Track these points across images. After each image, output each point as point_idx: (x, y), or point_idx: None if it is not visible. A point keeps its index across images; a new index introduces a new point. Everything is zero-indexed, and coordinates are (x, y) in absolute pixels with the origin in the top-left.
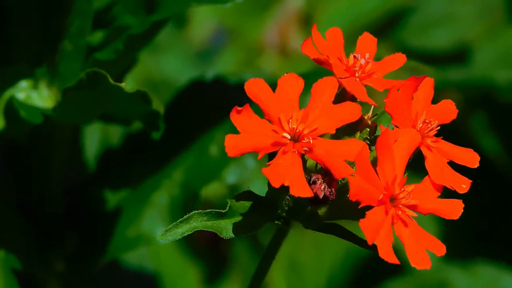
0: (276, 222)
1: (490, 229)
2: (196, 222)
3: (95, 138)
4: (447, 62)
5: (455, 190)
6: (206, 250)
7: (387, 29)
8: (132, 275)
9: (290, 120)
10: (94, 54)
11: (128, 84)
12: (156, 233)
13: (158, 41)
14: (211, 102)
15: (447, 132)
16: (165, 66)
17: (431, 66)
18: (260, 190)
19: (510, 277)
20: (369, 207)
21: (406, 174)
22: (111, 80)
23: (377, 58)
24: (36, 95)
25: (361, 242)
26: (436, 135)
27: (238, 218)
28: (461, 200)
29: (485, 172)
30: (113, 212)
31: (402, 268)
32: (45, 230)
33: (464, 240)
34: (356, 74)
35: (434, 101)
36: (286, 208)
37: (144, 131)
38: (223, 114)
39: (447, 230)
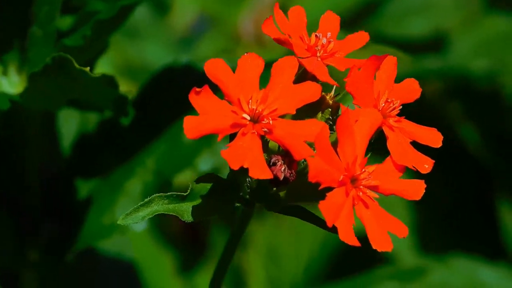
0: (238, 204)
1: (466, 219)
2: (157, 206)
3: (72, 126)
4: (424, 51)
5: (417, 170)
6: (183, 239)
7: (363, 17)
8: (109, 263)
9: (250, 101)
10: (63, 40)
11: (102, 70)
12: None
13: (139, 28)
14: (184, 88)
15: (424, 120)
16: (146, 53)
17: (408, 55)
18: None
19: (484, 268)
20: (329, 189)
21: (368, 155)
22: (76, 65)
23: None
24: (5, 81)
25: (322, 223)
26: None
27: (199, 201)
28: (423, 181)
29: (463, 160)
30: (86, 201)
31: (380, 256)
32: (20, 220)
33: (440, 231)
34: (318, 54)
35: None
36: (248, 191)
37: (117, 119)
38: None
39: (423, 222)
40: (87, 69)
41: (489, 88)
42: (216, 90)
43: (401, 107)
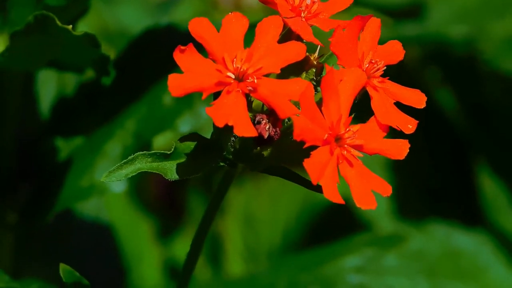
0: (221, 164)
1: (443, 185)
2: (141, 163)
3: (50, 87)
4: (403, 17)
5: (401, 129)
6: (161, 204)
7: None
8: (87, 226)
9: (235, 60)
10: (44, 0)
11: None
12: (109, 183)
13: None
14: (164, 50)
15: (403, 85)
16: (123, 18)
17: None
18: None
19: (461, 234)
20: (314, 148)
21: (353, 115)
22: (58, 23)
23: None
24: None
25: (307, 183)
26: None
27: (183, 160)
28: (407, 140)
29: (440, 126)
30: (65, 162)
31: (357, 223)
32: None
33: (418, 198)
34: (302, 14)
35: None
36: (232, 150)
37: (98, 81)
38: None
39: (400, 188)
40: (70, 27)
41: (467, 54)
42: (200, 50)
43: (385, 67)
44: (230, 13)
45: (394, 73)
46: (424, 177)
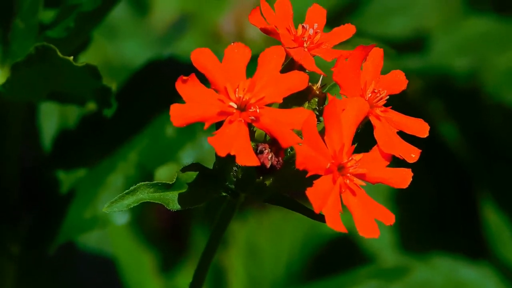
0: (223, 194)
1: (447, 217)
2: (143, 194)
3: (52, 119)
4: (405, 49)
5: (404, 159)
6: (165, 237)
7: (344, 16)
8: (89, 258)
9: (237, 89)
10: (46, 32)
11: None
12: (111, 214)
13: (119, 28)
14: (166, 82)
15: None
16: (126, 52)
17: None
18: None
19: (465, 266)
20: (316, 176)
21: (355, 144)
22: (60, 54)
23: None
24: None
25: (310, 212)
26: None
27: (185, 190)
28: (410, 169)
29: (444, 158)
30: (68, 194)
31: (361, 255)
32: (0, 212)
33: (422, 230)
34: (305, 44)
35: None
36: (234, 180)
37: (100, 112)
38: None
39: (404, 220)
40: (71, 58)
41: (469, 87)
42: (202, 80)
43: (388, 97)
44: (232, 43)
45: (397, 105)
46: (427, 209)
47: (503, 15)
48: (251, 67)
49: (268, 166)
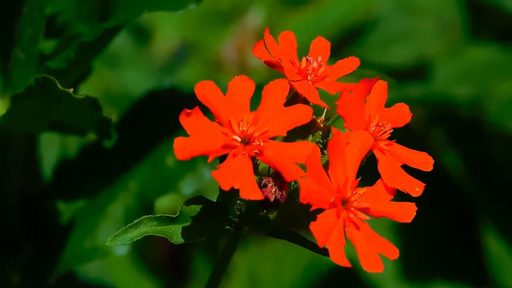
0: (227, 227)
1: (449, 246)
2: (146, 227)
3: (53, 150)
4: (407, 78)
5: (408, 193)
6: (166, 266)
7: (346, 45)
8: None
9: (241, 123)
10: (46, 62)
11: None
12: (112, 245)
13: (121, 57)
14: (167, 112)
15: (408, 146)
16: (127, 82)
17: (392, 80)
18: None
19: None
20: (320, 210)
21: (359, 178)
22: (60, 86)
23: None
24: None
25: (313, 246)
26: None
27: (188, 223)
28: (414, 203)
29: (446, 187)
30: (68, 224)
31: (363, 285)
32: (0, 243)
33: (423, 259)
34: (309, 77)
35: None
36: (238, 213)
37: (100, 143)
38: (179, 124)
39: (406, 250)
40: (71, 90)
41: (471, 115)
42: (205, 113)
43: (392, 130)
44: (236, 76)
45: (398, 134)
46: (429, 239)
47: (505, 43)
48: (254, 97)
49: (272, 199)
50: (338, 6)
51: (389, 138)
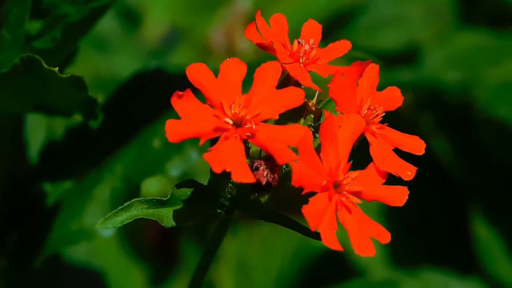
0: (218, 210)
1: (438, 232)
2: (137, 210)
3: (40, 132)
4: (397, 63)
5: (400, 176)
6: (154, 251)
7: (335, 29)
8: (77, 271)
9: (233, 105)
10: (32, 43)
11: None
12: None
13: (110, 42)
14: (154, 94)
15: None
16: (117, 66)
17: (382, 63)
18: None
19: (455, 282)
20: (312, 194)
21: (351, 161)
22: (45, 65)
23: None
24: None
25: (305, 230)
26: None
27: (179, 206)
28: (406, 187)
29: (435, 173)
30: (54, 207)
31: (351, 269)
32: None
33: (412, 245)
34: (300, 60)
35: None
36: (229, 197)
37: (86, 124)
38: (166, 105)
39: (394, 235)
40: (56, 69)
41: (461, 101)
42: (197, 95)
43: (384, 114)
44: (228, 58)
45: (388, 118)
46: (418, 224)
47: (495, 29)
48: (246, 79)
49: (264, 183)
50: None
51: (381, 122)
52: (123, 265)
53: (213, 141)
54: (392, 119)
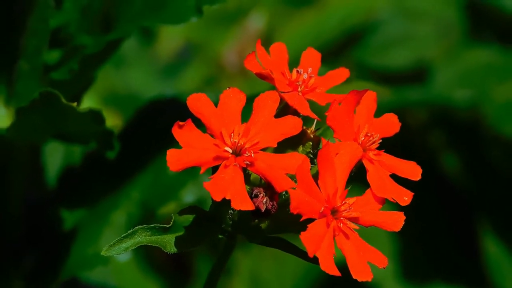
0: (220, 236)
1: (448, 248)
2: (140, 237)
3: (57, 157)
4: (407, 81)
5: (396, 202)
6: (169, 267)
7: (346, 48)
8: None
9: (232, 134)
10: (50, 74)
11: (87, 102)
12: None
13: (125, 56)
14: (169, 121)
15: (408, 149)
16: (132, 82)
17: (390, 85)
18: None
19: None
20: (311, 220)
21: (349, 187)
22: (63, 100)
23: None
24: None
25: (303, 254)
26: (387, 151)
27: (182, 233)
28: (403, 213)
29: (446, 190)
30: (71, 231)
31: (363, 285)
32: (4, 250)
33: (423, 261)
34: (299, 89)
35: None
36: (231, 223)
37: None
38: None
39: (406, 251)
40: (74, 104)
41: (470, 118)
42: (199, 124)
43: (380, 140)
44: (228, 88)
45: (398, 136)
46: (428, 241)
47: (505, 45)
48: (248, 106)
49: (263, 210)
50: (339, 9)
51: (381, 148)
52: (139, 282)
53: (214, 170)
54: (402, 137)
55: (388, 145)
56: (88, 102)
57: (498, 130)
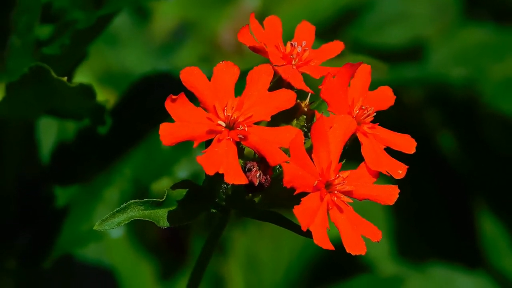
0: (213, 210)
1: (444, 226)
2: (133, 212)
3: (51, 134)
4: (403, 59)
5: (391, 175)
6: (164, 247)
7: (342, 26)
8: (88, 270)
9: (225, 108)
10: (42, 49)
11: (82, 77)
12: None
13: (121, 36)
14: (162, 96)
15: (404, 127)
16: (126, 60)
17: (386, 63)
18: None
19: (461, 276)
20: (304, 194)
21: (343, 161)
22: (54, 74)
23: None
24: None
25: (297, 228)
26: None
27: (175, 207)
28: (397, 186)
29: (441, 167)
30: (64, 208)
31: (358, 264)
32: None
33: (419, 239)
34: (293, 62)
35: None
36: (224, 197)
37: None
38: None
39: (401, 228)
40: (65, 78)
41: (466, 96)
42: (193, 98)
43: (375, 113)
44: (221, 62)
45: (394, 115)
46: (424, 219)
47: (500, 24)
48: (242, 82)
49: (257, 184)
50: None
51: (375, 121)
52: (133, 261)
53: (207, 144)
54: (398, 115)
55: (384, 125)
56: (80, 81)
57: (494, 108)
